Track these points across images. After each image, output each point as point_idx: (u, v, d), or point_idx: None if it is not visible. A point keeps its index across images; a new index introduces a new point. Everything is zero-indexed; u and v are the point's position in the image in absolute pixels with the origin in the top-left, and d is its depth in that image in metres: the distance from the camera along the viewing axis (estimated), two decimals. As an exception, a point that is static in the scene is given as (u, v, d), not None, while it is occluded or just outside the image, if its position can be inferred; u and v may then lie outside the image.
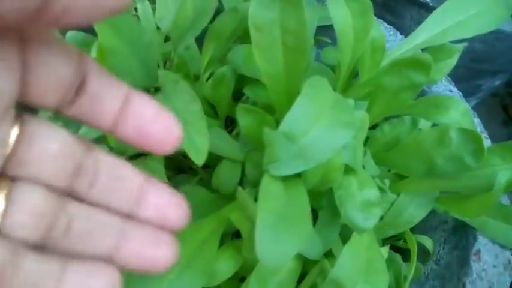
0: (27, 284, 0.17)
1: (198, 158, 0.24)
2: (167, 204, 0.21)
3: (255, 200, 0.23)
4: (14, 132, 0.16)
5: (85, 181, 0.19)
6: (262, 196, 0.23)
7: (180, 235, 0.27)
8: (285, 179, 0.25)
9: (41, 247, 0.18)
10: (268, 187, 0.24)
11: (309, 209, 0.24)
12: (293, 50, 0.26)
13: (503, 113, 0.94)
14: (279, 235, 0.22)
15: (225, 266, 0.27)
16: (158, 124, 0.19)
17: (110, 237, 0.19)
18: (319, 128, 0.24)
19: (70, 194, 0.18)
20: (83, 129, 0.29)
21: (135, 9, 0.36)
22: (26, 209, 0.17)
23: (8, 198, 0.16)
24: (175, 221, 0.21)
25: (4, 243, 0.16)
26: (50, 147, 0.17)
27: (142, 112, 0.18)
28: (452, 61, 0.31)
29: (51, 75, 0.16)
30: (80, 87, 0.17)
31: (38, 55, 0.16)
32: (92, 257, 0.19)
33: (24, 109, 0.17)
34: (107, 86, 0.18)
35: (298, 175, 0.26)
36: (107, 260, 0.19)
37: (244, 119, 0.27)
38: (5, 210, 0.16)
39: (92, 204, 0.19)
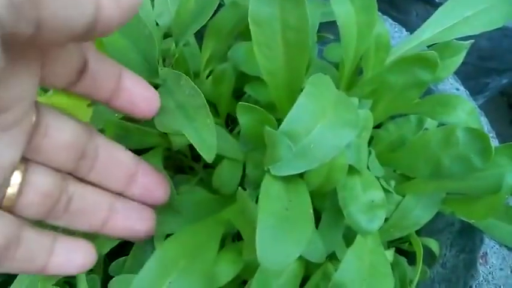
0: (26, 255, 0.20)
1: (209, 154, 0.24)
2: (153, 183, 0.25)
3: (256, 201, 0.23)
4: (32, 121, 0.19)
5: (86, 165, 0.22)
6: (263, 197, 0.22)
7: (179, 237, 0.26)
8: (287, 179, 0.24)
9: (41, 221, 0.22)
10: (270, 188, 0.23)
11: (311, 211, 0.24)
12: (294, 46, 0.25)
13: (511, 112, 0.93)
14: (280, 237, 0.21)
15: (226, 269, 0.26)
16: (145, 97, 0.23)
17: (101, 212, 0.24)
18: (321, 127, 0.23)
19: (72, 174, 0.22)
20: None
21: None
22: (38, 190, 0.20)
23: (24, 177, 0.20)
24: (159, 198, 0.26)
25: (14, 220, 0.20)
26: (63, 138, 0.21)
27: (133, 87, 0.22)
28: (459, 58, 0.30)
29: (62, 64, 0.19)
30: (82, 70, 0.20)
31: (50, 52, 0.18)
32: (86, 228, 0.23)
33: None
34: (104, 66, 0.21)
35: (301, 175, 0.25)
36: (99, 231, 0.24)
37: (245, 118, 0.26)
38: (20, 191, 0.20)
39: (90, 183, 0.23)
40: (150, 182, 0.25)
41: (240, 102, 0.26)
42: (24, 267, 0.21)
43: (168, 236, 0.28)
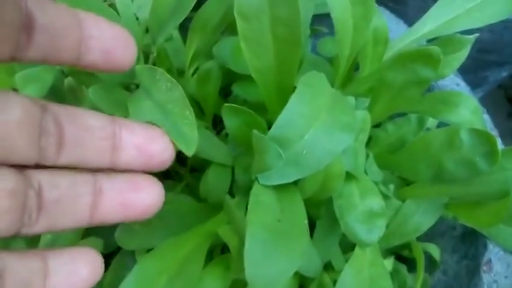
0: (16, 286, 0.16)
1: (189, 149, 0.20)
2: (147, 140, 0.20)
3: (245, 209, 0.21)
4: None
5: (51, 143, 0.17)
6: (253, 208, 0.20)
7: (161, 251, 0.24)
8: (279, 187, 0.22)
9: (17, 232, 0.17)
10: (260, 197, 0.21)
11: (306, 221, 0.22)
12: (285, 42, 0.23)
13: (508, 105, 0.91)
14: (272, 253, 0.19)
15: (212, 286, 0.24)
16: (119, 39, 0.18)
17: (85, 197, 0.18)
18: (315, 131, 0.21)
19: (39, 164, 0.17)
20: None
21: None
22: (3, 196, 0.16)
23: None
24: (161, 155, 0.20)
25: None
26: (14, 115, 0.16)
27: (103, 34, 0.18)
28: (463, 54, 0.28)
29: None
30: (28, 26, 0.16)
31: None
32: (73, 223, 0.18)
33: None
34: (57, 16, 0.16)
35: (294, 183, 0.23)
36: (89, 222, 0.19)
37: (231, 120, 0.24)
38: None
39: (66, 166, 0.18)
40: (140, 139, 0.20)
41: (225, 104, 0.24)
42: None
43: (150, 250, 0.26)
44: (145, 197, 0.20)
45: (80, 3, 0.24)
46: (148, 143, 0.19)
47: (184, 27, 0.32)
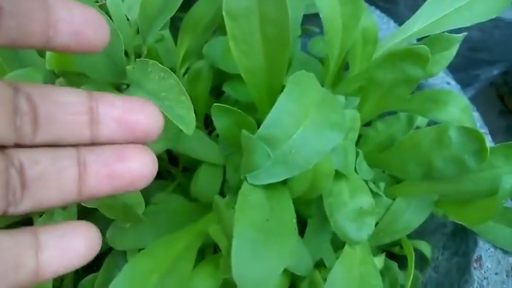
0: (7, 262, 0.16)
1: (188, 128, 0.20)
2: (126, 111, 0.19)
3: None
4: None
5: (26, 122, 0.17)
6: (241, 207, 0.20)
7: (152, 250, 0.24)
8: (268, 186, 0.22)
9: (3, 212, 0.17)
10: (248, 197, 0.21)
11: (294, 220, 0.22)
12: (274, 42, 0.23)
13: (500, 102, 0.92)
14: (260, 252, 0.19)
15: (203, 285, 0.24)
16: (90, 20, 0.17)
17: (69, 170, 0.18)
18: (303, 130, 0.21)
19: (18, 144, 0.17)
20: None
21: (104, -2, 0.32)
22: None
23: None
24: (144, 124, 0.19)
25: None
26: None
27: (72, 16, 0.17)
28: (451, 52, 0.29)
29: None
30: None
31: None
32: (60, 199, 0.18)
33: None
34: (24, 0, 0.16)
35: (283, 182, 0.23)
36: (77, 197, 0.18)
37: (221, 121, 0.24)
38: None
39: (45, 144, 0.17)
40: (119, 110, 0.19)
41: (215, 104, 0.24)
42: (11, 280, 0.16)
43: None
44: (133, 166, 0.19)
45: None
46: (128, 113, 0.19)
47: (175, 27, 0.32)
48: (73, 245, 0.18)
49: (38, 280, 0.17)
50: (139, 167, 0.19)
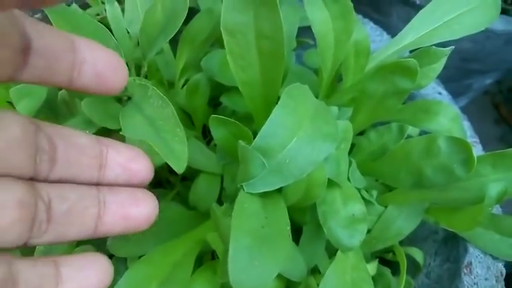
0: None
1: (179, 166, 0.21)
2: (130, 158, 0.21)
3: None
4: None
5: (45, 160, 0.18)
6: (238, 215, 0.21)
7: (151, 258, 0.25)
8: (264, 195, 0.23)
9: (25, 243, 0.17)
10: (244, 205, 0.22)
11: (288, 227, 0.23)
12: (269, 56, 0.24)
13: (495, 111, 0.93)
14: (255, 258, 0.20)
15: (201, 291, 0.25)
16: (111, 65, 0.19)
17: (91, 210, 0.19)
18: (297, 141, 0.22)
19: (33, 178, 0.18)
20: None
21: (105, 10, 0.33)
22: (12, 202, 0.16)
23: None
24: (142, 173, 0.21)
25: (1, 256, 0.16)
26: (13, 133, 0.17)
27: (96, 58, 0.18)
28: (440, 65, 0.30)
29: None
30: (25, 49, 0.16)
31: None
32: (78, 235, 0.19)
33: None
34: (53, 39, 0.17)
35: (278, 191, 0.24)
36: (93, 233, 0.19)
37: (219, 131, 0.25)
38: None
39: (57, 181, 0.19)
40: (125, 158, 0.21)
41: (212, 115, 0.25)
42: None
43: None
44: (143, 210, 0.21)
45: (72, 20, 0.25)
46: (131, 161, 0.21)
47: (174, 41, 0.33)
48: (90, 278, 0.19)
49: None
50: (148, 210, 0.21)
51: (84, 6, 0.40)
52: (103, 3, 0.37)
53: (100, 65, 0.19)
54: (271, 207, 0.23)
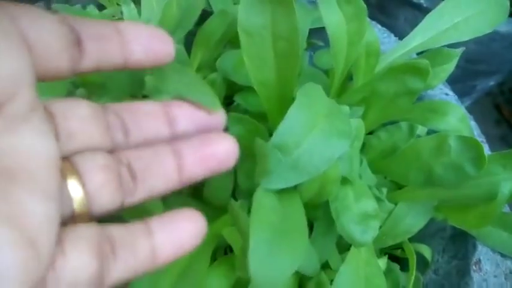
0: (125, 252, 0.18)
1: (215, 107, 0.21)
2: (195, 109, 0.21)
3: (248, 211, 0.22)
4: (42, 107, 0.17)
5: (119, 132, 0.19)
6: (256, 210, 0.22)
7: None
8: (280, 191, 0.24)
9: (121, 203, 0.19)
10: (262, 200, 0.23)
11: (305, 223, 0.23)
12: (285, 56, 0.25)
13: (496, 112, 0.94)
14: (274, 251, 0.20)
15: (217, 284, 0.26)
16: (157, 39, 0.20)
17: (169, 162, 0.20)
18: (313, 138, 0.23)
19: (113, 151, 0.19)
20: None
21: (121, 13, 0.34)
22: (97, 168, 0.18)
23: (81, 180, 0.17)
24: (214, 117, 0.21)
25: (96, 225, 0.17)
26: (83, 112, 0.18)
27: (140, 34, 0.19)
28: (451, 66, 0.30)
29: (52, 38, 0.16)
30: (77, 40, 0.18)
31: (31, 25, 0.16)
32: (166, 185, 0.20)
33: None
34: (98, 27, 0.18)
35: (294, 187, 0.25)
36: (179, 182, 0.20)
37: (235, 129, 0.26)
38: (86, 192, 0.17)
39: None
40: (191, 110, 0.21)
41: (230, 113, 0.25)
42: (131, 266, 0.18)
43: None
44: (221, 148, 0.21)
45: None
46: (196, 111, 0.21)
47: (189, 42, 0.34)
48: (182, 229, 0.19)
49: (154, 265, 0.19)
50: (226, 148, 0.21)
51: (100, 9, 0.41)
52: (118, 4, 0.38)
53: (146, 40, 0.19)
54: (288, 203, 0.24)
